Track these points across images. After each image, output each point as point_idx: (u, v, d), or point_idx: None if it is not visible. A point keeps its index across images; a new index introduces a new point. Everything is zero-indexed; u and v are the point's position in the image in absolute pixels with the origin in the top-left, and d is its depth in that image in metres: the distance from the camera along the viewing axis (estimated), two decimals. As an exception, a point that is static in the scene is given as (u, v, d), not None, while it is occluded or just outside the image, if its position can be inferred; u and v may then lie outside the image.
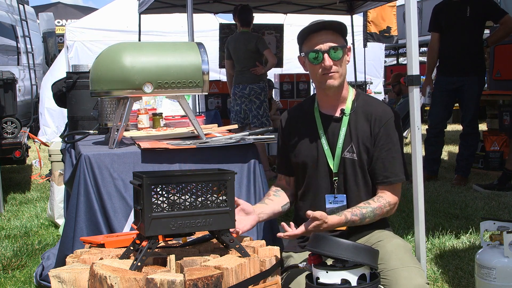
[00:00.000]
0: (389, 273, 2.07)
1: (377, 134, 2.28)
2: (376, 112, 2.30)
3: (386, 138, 2.28)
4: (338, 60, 2.24)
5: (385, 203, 2.26)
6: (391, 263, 2.10)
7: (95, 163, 2.49)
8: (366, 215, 2.21)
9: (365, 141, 2.29)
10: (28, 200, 5.56)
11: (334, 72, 2.24)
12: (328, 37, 2.23)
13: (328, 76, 2.25)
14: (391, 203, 2.28)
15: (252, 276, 1.78)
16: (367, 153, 2.29)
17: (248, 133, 2.89)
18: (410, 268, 2.09)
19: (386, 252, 2.14)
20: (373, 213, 2.23)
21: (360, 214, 2.21)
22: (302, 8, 7.94)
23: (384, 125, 2.28)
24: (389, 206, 2.27)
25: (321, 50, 2.22)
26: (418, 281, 2.04)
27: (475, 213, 4.40)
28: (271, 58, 6.05)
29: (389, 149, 2.28)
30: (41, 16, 12.30)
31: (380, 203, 2.25)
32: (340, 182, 2.31)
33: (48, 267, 2.98)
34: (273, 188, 2.49)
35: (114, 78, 2.54)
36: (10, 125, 5.92)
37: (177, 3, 7.08)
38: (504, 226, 2.43)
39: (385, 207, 2.25)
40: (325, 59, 2.22)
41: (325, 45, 2.22)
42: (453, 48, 5.49)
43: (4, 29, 7.96)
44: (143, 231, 1.74)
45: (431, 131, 5.74)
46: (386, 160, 2.28)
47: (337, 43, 2.24)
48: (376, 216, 2.24)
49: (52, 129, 9.82)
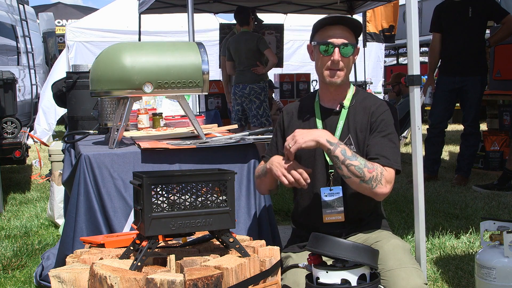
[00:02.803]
0: (387, 273, 2.06)
1: (373, 123, 2.27)
2: (373, 104, 2.32)
3: (382, 126, 2.26)
4: (347, 58, 2.27)
5: (379, 168, 2.13)
6: (389, 263, 2.09)
7: (95, 163, 2.50)
8: (359, 159, 2.10)
9: (363, 132, 2.28)
10: (28, 200, 5.56)
11: (340, 69, 2.27)
12: (344, 33, 2.26)
13: (333, 72, 2.28)
14: (383, 174, 2.13)
15: (252, 276, 1.78)
16: (365, 144, 2.27)
17: (248, 133, 2.89)
18: (408, 268, 2.08)
19: (384, 252, 2.13)
20: (365, 163, 2.10)
21: (353, 154, 2.11)
22: (302, 8, 7.94)
23: (381, 114, 2.28)
24: (381, 176, 2.11)
25: (334, 43, 2.25)
26: (416, 281, 2.04)
27: (475, 213, 4.40)
28: (272, 57, 6.06)
29: (385, 136, 2.23)
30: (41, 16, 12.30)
31: (375, 165, 2.13)
32: (336, 175, 2.28)
33: (48, 267, 2.99)
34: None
35: (114, 78, 2.54)
36: (10, 125, 5.92)
37: (177, 3, 7.08)
38: (504, 226, 2.43)
39: (377, 170, 2.11)
40: (335, 53, 2.24)
41: (339, 40, 2.25)
42: (455, 48, 5.49)
43: (4, 29, 7.96)
44: (143, 231, 1.74)
45: (432, 131, 5.74)
46: (380, 144, 2.21)
47: (349, 41, 2.26)
48: (367, 168, 2.09)
49: (43, 127, 9.77)
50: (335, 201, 2.28)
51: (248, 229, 2.63)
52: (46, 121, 9.80)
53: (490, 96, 6.34)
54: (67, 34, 10.42)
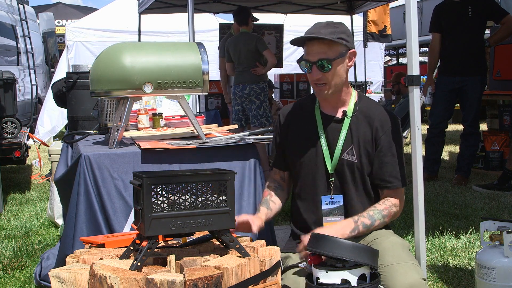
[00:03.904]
0: (385, 268, 2.06)
1: (379, 140, 2.28)
2: (378, 117, 2.30)
3: (388, 144, 2.28)
4: (328, 72, 2.21)
5: (390, 205, 2.27)
6: (387, 259, 2.10)
7: (95, 163, 2.49)
8: (374, 216, 2.23)
9: (366, 145, 2.29)
10: (28, 200, 5.56)
11: (323, 83, 2.24)
12: (320, 47, 2.19)
13: (318, 87, 2.26)
14: (396, 205, 2.29)
15: (252, 276, 1.78)
16: (368, 156, 2.29)
17: (248, 133, 2.89)
18: (407, 264, 2.09)
19: (383, 249, 2.14)
20: (381, 214, 2.24)
21: (368, 216, 2.22)
22: (302, 8, 7.94)
23: (386, 131, 2.29)
24: (396, 208, 2.28)
25: (310, 61, 2.22)
26: (414, 277, 2.04)
27: (475, 213, 4.40)
28: (271, 58, 6.06)
29: (391, 154, 2.29)
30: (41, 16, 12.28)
31: (386, 205, 2.27)
32: (337, 183, 2.31)
33: (47, 267, 2.99)
34: (271, 185, 2.48)
35: (114, 78, 2.54)
36: (10, 125, 5.92)
37: (177, 3, 7.08)
38: (504, 226, 2.43)
39: (391, 208, 2.27)
40: (313, 71, 2.22)
41: (314, 57, 2.21)
42: (455, 48, 5.49)
43: (4, 29, 7.95)
44: (143, 231, 1.74)
45: (432, 131, 5.74)
46: (388, 165, 2.28)
47: (327, 55, 2.19)
48: (385, 218, 2.26)
49: (47, 129, 9.76)
50: (335, 209, 2.30)
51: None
52: (50, 123, 9.79)
53: (490, 96, 6.34)
54: (67, 34, 10.42)
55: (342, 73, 2.25)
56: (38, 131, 9.66)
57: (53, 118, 9.77)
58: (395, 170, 2.28)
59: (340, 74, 2.24)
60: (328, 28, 2.20)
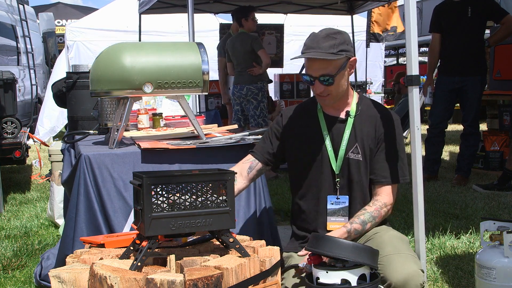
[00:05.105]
0: (384, 259, 2.07)
1: (380, 135, 2.32)
2: (380, 115, 2.35)
3: (387, 141, 2.32)
4: (330, 86, 2.25)
5: (381, 205, 2.30)
6: (386, 249, 2.12)
7: (95, 163, 2.50)
8: (365, 220, 2.25)
9: (370, 143, 2.32)
10: (28, 200, 5.56)
11: (325, 95, 2.29)
12: (321, 64, 2.23)
13: (321, 98, 2.32)
14: (387, 204, 2.31)
15: (252, 276, 1.78)
16: (371, 154, 2.32)
17: (248, 133, 2.89)
18: (405, 255, 2.11)
19: (383, 241, 2.17)
20: (372, 216, 2.27)
21: (360, 221, 2.24)
22: (302, 8, 7.94)
23: (387, 128, 2.32)
24: (386, 207, 2.31)
25: (313, 75, 2.26)
26: (412, 267, 2.05)
27: (475, 213, 4.40)
28: (265, 58, 6.05)
29: (388, 151, 2.32)
30: (41, 16, 12.26)
31: (376, 206, 2.29)
32: (343, 183, 2.33)
33: (47, 267, 2.98)
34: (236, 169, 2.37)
35: (114, 78, 2.54)
36: (10, 125, 5.91)
37: (178, 3, 7.08)
38: (504, 226, 2.43)
39: (381, 208, 2.29)
40: (316, 85, 2.27)
41: (317, 72, 2.25)
42: (455, 48, 5.49)
43: (4, 29, 7.94)
44: (143, 231, 1.74)
45: (432, 131, 5.74)
46: (386, 161, 2.32)
47: (328, 71, 2.22)
48: (376, 219, 2.28)
49: (47, 129, 9.76)
50: (340, 210, 2.32)
51: (248, 229, 2.63)
52: (50, 124, 9.78)
53: (490, 96, 6.34)
54: (67, 34, 10.41)
55: (344, 83, 2.30)
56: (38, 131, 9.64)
57: (53, 118, 9.76)
58: (387, 167, 2.31)
59: (342, 84, 2.29)
60: (327, 41, 2.21)
